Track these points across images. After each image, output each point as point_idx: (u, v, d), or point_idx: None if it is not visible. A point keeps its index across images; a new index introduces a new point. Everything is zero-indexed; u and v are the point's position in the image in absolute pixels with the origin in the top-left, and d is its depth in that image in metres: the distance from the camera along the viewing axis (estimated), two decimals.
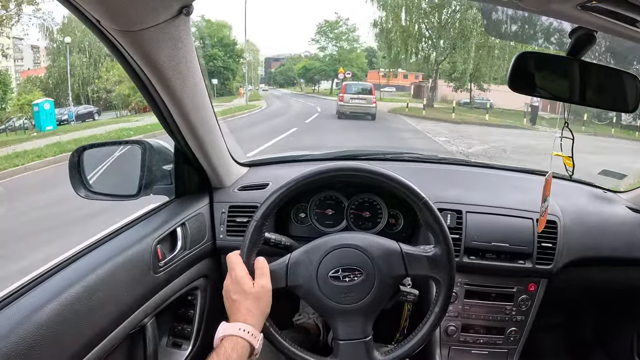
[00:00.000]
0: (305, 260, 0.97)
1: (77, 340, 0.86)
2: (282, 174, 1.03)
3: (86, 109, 21.03)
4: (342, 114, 15.87)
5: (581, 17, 0.78)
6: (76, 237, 3.89)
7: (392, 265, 0.98)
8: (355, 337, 0.97)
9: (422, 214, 1.00)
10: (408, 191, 0.99)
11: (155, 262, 1.09)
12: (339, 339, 0.97)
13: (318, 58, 38.00)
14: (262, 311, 0.90)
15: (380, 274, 0.97)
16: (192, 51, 0.94)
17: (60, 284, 0.87)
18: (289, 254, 0.99)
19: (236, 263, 0.93)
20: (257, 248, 0.97)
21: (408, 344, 0.99)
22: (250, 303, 0.89)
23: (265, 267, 0.94)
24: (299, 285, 0.97)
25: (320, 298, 0.96)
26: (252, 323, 0.87)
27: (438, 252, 0.99)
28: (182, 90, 0.98)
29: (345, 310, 0.96)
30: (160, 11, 0.77)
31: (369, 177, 1.00)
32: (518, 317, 1.38)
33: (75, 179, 1.23)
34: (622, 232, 1.48)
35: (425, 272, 0.99)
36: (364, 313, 0.97)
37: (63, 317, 0.83)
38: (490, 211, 1.36)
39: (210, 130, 1.19)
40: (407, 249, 0.99)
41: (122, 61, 0.91)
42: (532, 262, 1.33)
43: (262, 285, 0.91)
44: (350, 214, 1.44)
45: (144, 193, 1.23)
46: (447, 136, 12.52)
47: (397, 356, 0.99)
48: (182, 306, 1.33)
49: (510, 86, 0.97)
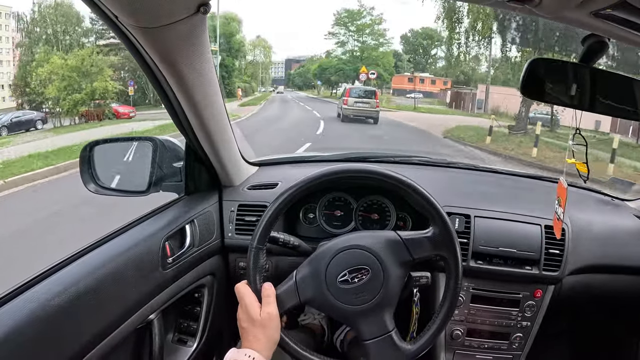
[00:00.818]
0: (311, 272, 0.98)
1: (84, 333, 0.87)
2: (291, 174, 1.04)
3: (25, 116, 16.73)
4: (346, 117, 16.03)
5: (594, 24, 0.78)
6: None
7: (396, 254, 0.98)
8: (380, 334, 0.97)
9: (412, 198, 1.01)
10: (388, 178, 1.00)
11: (164, 259, 1.10)
12: (365, 340, 0.97)
13: (336, 56, 34.01)
14: (268, 338, 0.91)
15: (387, 266, 0.97)
16: (207, 49, 0.94)
17: (69, 277, 0.88)
18: (294, 272, 0.99)
19: (244, 293, 0.95)
20: (262, 272, 0.97)
21: (433, 327, 1.00)
22: (257, 331, 0.91)
23: (272, 294, 0.95)
24: (311, 298, 0.97)
25: (336, 305, 0.96)
26: (258, 349, 0.89)
27: (437, 231, 0.99)
28: (195, 88, 0.99)
29: (362, 311, 0.96)
30: (179, 9, 0.78)
31: (353, 176, 1.00)
32: (523, 322, 1.37)
33: (86, 173, 1.24)
34: (629, 240, 1.47)
35: (430, 252, 1.00)
36: (381, 308, 0.97)
37: (71, 310, 0.84)
38: (498, 216, 1.36)
39: (222, 128, 1.20)
40: (406, 235, 1.00)
41: (137, 57, 0.92)
42: (539, 269, 1.33)
43: (268, 312, 0.92)
44: (358, 216, 1.44)
45: (154, 190, 1.24)
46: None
47: (425, 341, 0.99)
48: (189, 303, 1.33)
49: (523, 92, 0.97)
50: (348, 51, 33.31)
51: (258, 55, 40.04)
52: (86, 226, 4.31)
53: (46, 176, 7.59)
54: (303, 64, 44.46)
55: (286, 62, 49.49)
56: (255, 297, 0.94)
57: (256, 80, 40.17)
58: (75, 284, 0.87)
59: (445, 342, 1.38)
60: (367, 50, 31.89)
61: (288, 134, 12.28)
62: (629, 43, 0.88)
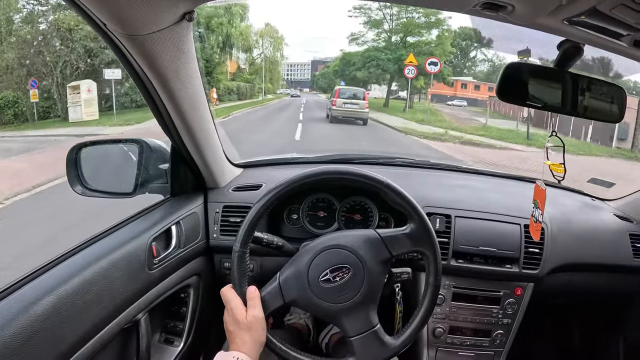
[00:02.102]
0: (294, 273, 0.99)
1: (72, 333, 0.88)
2: (275, 175, 1.06)
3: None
4: (334, 118, 15.90)
5: (568, 30, 0.81)
6: None
7: (375, 251, 1.00)
8: (365, 330, 0.99)
9: (388, 196, 1.03)
10: (366, 178, 1.01)
11: (150, 259, 1.11)
12: (349, 337, 0.99)
13: (365, 41, 24.43)
14: (255, 340, 0.93)
15: (367, 264, 0.99)
16: (193, 55, 0.96)
17: (57, 278, 0.89)
18: (277, 274, 1.01)
19: (230, 297, 0.96)
20: (246, 276, 0.98)
21: (414, 321, 1.02)
22: (244, 333, 0.92)
23: (257, 297, 0.97)
24: (295, 298, 0.99)
25: (319, 303, 0.98)
26: (245, 352, 0.90)
27: (414, 227, 1.01)
28: (181, 93, 1.01)
29: (346, 308, 0.98)
30: (165, 17, 0.79)
31: (330, 177, 1.02)
32: (504, 320, 1.40)
33: (72, 175, 1.24)
34: (609, 239, 1.51)
35: (408, 248, 1.02)
36: (364, 305, 0.99)
37: (59, 310, 0.85)
38: (478, 216, 1.39)
39: (207, 131, 1.21)
40: (384, 232, 1.02)
41: (125, 63, 0.93)
42: (519, 267, 1.36)
43: (254, 315, 0.94)
44: (341, 216, 1.46)
45: (140, 191, 1.25)
46: None
47: (408, 335, 1.01)
48: (175, 303, 1.34)
49: (499, 95, 0.99)
50: (384, 32, 23.37)
51: (267, 49, 32.91)
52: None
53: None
54: (328, 65, 39.77)
55: (312, 64, 46.36)
56: (241, 301, 0.96)
57: (266, 79, 34.14)
58: (62, 285, 0.88)
59: (427, 339, 1.41)
60: (414, 31, 22.37)
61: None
62: (603, 48, 0.90)
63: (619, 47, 0.84)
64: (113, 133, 12.19)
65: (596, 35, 0.81)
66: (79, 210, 4.51)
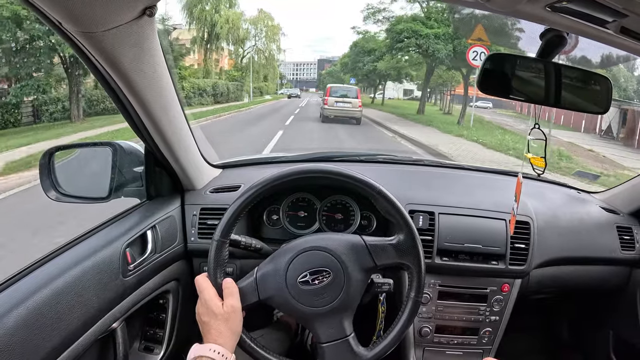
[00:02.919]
0: (272, 271, 0.97)
1: (44, 346, 0.85)
2: (255, 176, 1.02)
3: None
4: (326, 118, 15.56)
5: (550, 18, 0.78)
6: None
7: (358, 259, 0.98)
8: (337, 338, 0.96)
9: (380, 203, 1.01)
10: (362, 184, 0.99)
11: (125, 266, 1.07)
12: (321, 342, 0.97)
13: (390, 16, 18.24)
14: (232, 331, 0.90)
15: (348, 271, 0.96)
16: (158, 52, 0.92)
17: (27, 289, 0.86)
18: (255, 269, 0.99)
19: (204, 286, 0.94)
20: (223, 266, 0.96)
21: (390, 335, 0.99)
22: (220, 324, 0.90)
23: (234, 287, 0.94)
24: (271, 296, 0.96)
25: (295, 305, 0.95)
26: (222, 343, 0.88)
27: (402, 238, 0.99)
28: (147, 92, 0.97)
29: (321, 313, 0.96)
30: (123, 12, 0.76)
31: (322, 175, 1.00)
32: (492, 317, 1.38)
33: (46, 180, 1.20)
34: (595, 232, 1.50)
35: (393, 260, 0.99)
36: (340, 312, 0.97)
37: (30, 322, 0.82)
38: (462, 212, 1.37)
39: (180, 133, 1.18)
40: (370, 240, 0.99)
41: (87, 63, 0.89)
42: (505, 263, 1.34)
43: (231, 305, 0.91)
44: (322, 216, 1.43)
45: (115, 196, 1.21)
46: None
47: (381, 348, 0.99)
48: (154, 310, 1.31)
49: (480, 88, 0.97)
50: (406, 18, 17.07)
51: (260, 40, 29.11)
52: None
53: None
54: (335, 63, 37.59)
55: (319, 63, 46.10)
56: (216, 292, 0.93)
57: (259, 77, 29.90)
58: (31, 297, 0.84)
59: (414, 339, 1.38)
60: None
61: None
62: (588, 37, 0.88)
63: (605, 35, 0.81)
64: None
65: (580, 23, 0.78)
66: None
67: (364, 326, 1.23)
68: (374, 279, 1.03)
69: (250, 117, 17.53)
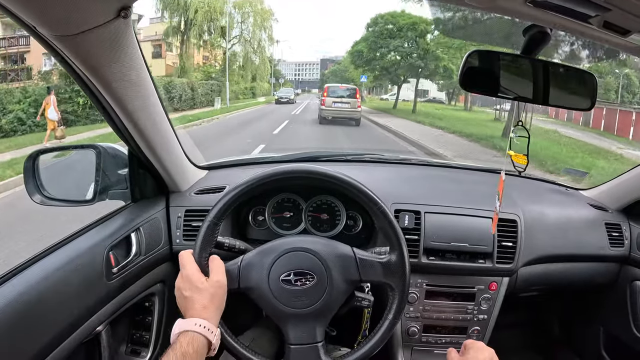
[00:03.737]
0: (257, 262, 0.97)
1: (27, 350, 0.84)
2: (241, 177, 1.02)
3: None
4: (324, 119, 15.10)
5: (532, 13, 0.77)
6: None
7: (345, 270, 0.97)
8: (306, 342, 0.96)
9: (379, 220, 1.00)
10: (364, 196, 0.99)
11: (108, 269, 1.07)
12: (290, 343, 0.97)
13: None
14: (216, 307, 0.89)
15: (333, 279, 0.96)
16: (135, 54, 0.91)
17: (9, 293, 0.85)
18: (242, 256, 0.99)
19: (187, 261, 0.93)
20: (210, 247, 0.96)
21: (360, 351, 0.99)
22: (205, 298, 0.88)
23: (221, 264, 0.94)
24: (250, 287, 0.96)
25: (272, 301, 0.95)
26: (207, 318, 0.86)
27: (392, 259, 0.99)
28: (127, 94, 0.96)
29: (296, 315, 0.96)
30: (96, 14, 0.75)
31: (330, 181, 0.99)
32: (480, 316, 1.38)
33: (30, 184, 1.19)
34: (584, 229, 1.50)
35: (379, 278, 0.99)
36: (315, 318, 0.97)
37: (12, 327, 0.81)
38: (449, 211, 1.37)
39: (163, 134, 1.17)
40: (361, 254, 0.99)
41: (65, 66, 0.88)
42: (493, 262, 1.34)
43: (217, 281, 0.91)
44: (308, 217, 1.43)
45: (100, 198, 1.20)
46: None
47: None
48: (140, 313, 1.30)
49: (461, 85, 0.96)
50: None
51: (246, 29, 23.98)
52: None
53: None
54: (339, 62, 34.88)
55: (322, 62, 44.14)
56: (198, 268, 0.92)
57: (246, 76, 25.16)
58: (15, 300, 0.83)
59: (401, 339, 1.38)
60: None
61: None
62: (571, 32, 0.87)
63: (588, 30, 0.81)
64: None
65: (563, 18, 0.77)
66: None
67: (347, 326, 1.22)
68: (355, 292, 1.03)
69: (213, 133, 12.84)
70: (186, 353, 0.80)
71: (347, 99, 15.23)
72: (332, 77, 33.37)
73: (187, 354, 0.80)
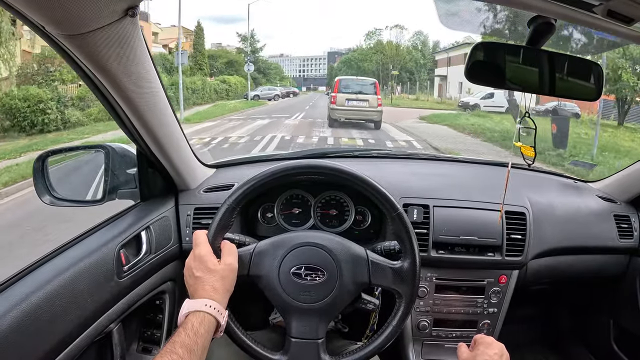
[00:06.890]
0: (270, 251, 0.98)
1: (39, 349, 0.85)
2: (249, 174, 1.02)
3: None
4: (335, 121, 12.29)
5: (537, 4, 0.77)
6: None
7: (356, 271, 0.98)
8: (308, 337, 0.97)
9: (395, 225, 1.00)
10: (384, 199, 1.00)
11: (119, 267, 1.07)
12: (291, 336, 0.98)
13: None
14: (226, 289, 0.90)
15: (343, 278, 0.97)
16: (143, 52, 0.92)
17: (21, 292, 0.86)
18: (255, 243, 1.00)
19: (202, 241, 0.94)
20: (224, 232, 0.97)
21: (360, 353, 0.99)
22: (216, 280, 0.89)
23: (233, 248, 0.95)
24: (260, 275, 0.97)
25: (279, 292, 0.96)
26: (217, 299, 0.87)
27: (404, 266, 0.99)
28: (135, 93, 0.97)
29: (301, 309, 0.97)
30: (104, 14, 0.76)
31: (350, 180, 1.00)
32: (490, 309, 1.38)
33: (40, 185, 1.20)
34: (593, 221, 1.50)
35: (388, 284, 0.99)
36: (319, 314, 0.97)
37: (24, 326, 0.82)
38: (457, 205, 1.37)
39: (171, 133, 1.17)
40: (374, 257, 1.00)
41: (73, 66, 0.89)
42: (502, 255, 1.34)
43: (229, 264, 0.92)
44: (317, 212, 1.43)
45: (109, 198, 1.22)
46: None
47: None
48: (151, 311, 1.31)
49: (468, 77, 0.96)
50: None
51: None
52: None
53: None
54: (354, 49, 30.23)
55: (329, 56, 40.74)
56: (211, 250, 0.93)
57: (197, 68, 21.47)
58: (28, 299, 0.84)
59: (412, 333, 1.38)
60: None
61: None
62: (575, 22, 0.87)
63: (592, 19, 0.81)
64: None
65: (567, 8, 0.77)
66: None
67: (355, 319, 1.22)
68: (362, 294, 1.04)
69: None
70: (198, 332, 0.81)
71: (364, 96, 12.14)
72: (345, 69, 28.77)
73: (198, 333, 0.81)
